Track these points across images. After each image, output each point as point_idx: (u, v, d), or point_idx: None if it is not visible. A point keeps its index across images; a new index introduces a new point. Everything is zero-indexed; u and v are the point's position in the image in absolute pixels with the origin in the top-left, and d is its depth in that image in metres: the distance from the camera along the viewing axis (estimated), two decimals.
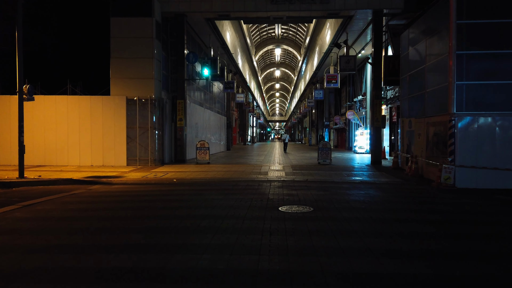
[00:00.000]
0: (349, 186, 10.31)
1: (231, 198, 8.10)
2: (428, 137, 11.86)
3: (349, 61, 19.64)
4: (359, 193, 9.02)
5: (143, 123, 15.66)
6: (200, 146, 16.73)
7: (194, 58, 16.82)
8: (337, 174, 12.74)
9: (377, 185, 10.67)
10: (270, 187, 9.88)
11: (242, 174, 12.63)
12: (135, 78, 15.69)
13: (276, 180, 11.32)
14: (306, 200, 7.80)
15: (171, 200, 8.07)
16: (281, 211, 6.72)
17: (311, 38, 29.89)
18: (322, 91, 32.99)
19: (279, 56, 49.23)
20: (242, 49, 31.07)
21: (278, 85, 69.77)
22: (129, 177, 12.02)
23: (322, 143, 16.99)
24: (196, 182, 11.18)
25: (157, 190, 9.72)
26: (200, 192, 9.19)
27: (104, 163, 15.63)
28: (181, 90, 17.11)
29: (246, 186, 10.03)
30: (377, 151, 16.49)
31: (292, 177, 11.93)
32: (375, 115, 16.44)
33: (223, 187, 10.02)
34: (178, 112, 17.01)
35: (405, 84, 14.46)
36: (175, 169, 14.43)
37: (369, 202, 7.84)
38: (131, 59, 15.64)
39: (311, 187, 9.92)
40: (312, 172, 13.35)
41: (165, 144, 16.93)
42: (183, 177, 12.06)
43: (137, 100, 15.59)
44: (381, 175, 12.82)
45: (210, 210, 6.80)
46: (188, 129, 19.00)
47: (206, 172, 13.18)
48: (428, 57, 12.10)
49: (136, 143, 15.67)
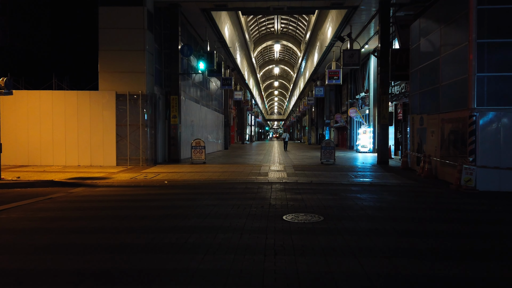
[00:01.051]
0: (359, 189, 9.29)
1: (227, 204, 7.07)
2: (443, 135, 10.85)
3: (353, 55, 18.63)
4: (372, 197, 8.00)
5: (134, 120, 14.60)
6: (196, 145, 15.69)
7: (189, 51, 15.77)
8: (343, 175, 11.72)
9: (389, 187, 9.65)
10: (271, 190, 8.85)
11: (240, 175, 11.60)
12: (125, 72, 14.64)
13: (278, 182, 10.29)
14: (314, 207, 6.77)
15: (158, 207, 7.03)
16: (286, 221, 5.69)
17: (312, 33, 28.86)
18: (322, 88, 31.97)
19: (278, 53, 48.10)
20: (240, 44, 30.02)
21: (277, 83, 68.70)
22: (117, 179, 10.97)
23: (325, 142, 15.97)
24: (189, 184, 10.14)
25: (144, 194, 8.67)
26: (193, 196, 8.15)
27: (92, 163, 14.58)
28: (175, 85, 16.06)
29: (244, 190, 9.00)
30: (384, 150, 15.48)
31: (294, 178, 10.90)
32: (381, 112, 15.43)
33: (219, 190, 8.99)
34: (172, 109, 15.96)
35: (415, 78, 13.45)
36: (168, 169, 13.38)
37: (387, 209, 6.81)
38: (121, 52, 14.58)
39: (317, 190, 8.90)
40: (316, 173, 12.33)
41: (158, 143, 15.88)
42: (176, 178, 11.02)
43: (128, 96, 14.52)
44: (391, 176, 11.81)
45: (202, 220, 5.77)
46: (183, 127, 17.95)
47: (201, 173, 12.14)
48: (443, 48, 11.09)
49: (126, 142, 14.61)
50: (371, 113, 24.70)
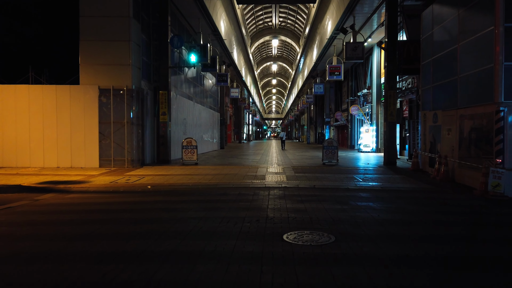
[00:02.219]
0: (370, 195, 8.06)
1: (216, 216, 5.82)
2: (462, 133, 9.63)
3: (356, 48, 17.39)
4: (388, 207, 6.76)
5: (118, 117, 13.32)
6: (187, 145, 14.42)
7: (179, 42, 14.49)
8: (349, 178, 10.49)
9: (404, 193, 8.42)
10: (268, 197, 7.61)
11: (234, 179, 10.35)
12: (109, 64, 13.35)
13: (276, 187, 9.05)
14: (321, 221, 5.54)
15: (130, 220, 5.77)
16: (287, 242, 4.46)
17: (312, 27, 27.61)
18: (322, 85, 30.75)
19: (276, 49, 46.70)
20: (236, 39, 28.75)
21: (274, 80, 67.42)
22: (95, 183, 9.71)
23: (327, 141, 14.74)
24: (175, 190, 8.89)
25: (120, 202, 7.41)
26: (176, 206, 6.90)
27: (72, 165, 13.29)
28: (164, 79, 14.79)
29: (237, 197, 7.76)
30: (391, 150, 14.26)
31: (295, 182, 9.66)
32: (388, 108, 14.21)
33: (208, 197, 7.74)
34: (161, 105, 14.68)
35: (427, 71, 12.23)
36: (155, 171, 12.12)
37: (410, 223, 5.57)
38: (104, 43, 13.29)
39: (321, 197, 7.66)
40: (319, 175, 11.09)
41: (146, 142, 14.61)
42: (161, 182, 9.76)
43: (112, 91, 13.23)
44: (402, 179, 10.59)
45: (179, 241, 4.52)
46: (174, 125, 16.68)
47: (191, 176, 10.88)
48: (461, 35, 9.86)
49: (110, 141, 13.33)
50: (374, 110, 23.49)
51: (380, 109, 23.14)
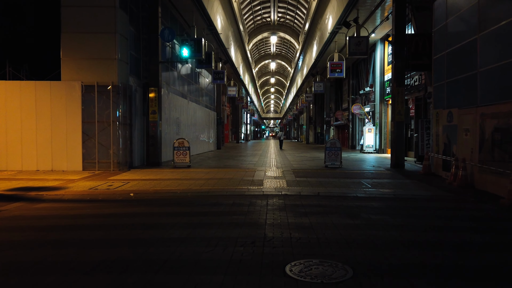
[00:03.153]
0: (384, 205, 7.01)
1: (202, 236, 4.77)
2: (484, 133, 8.59)
3: (360, 43, 16.34)
4: (408, 222, 5.71)
5: (103, 116, 12.25)
6: (178, 146, 13.35)
7: (170, 35, 13.41)
8: (356, 184, 9.45)
9: (422, 203, 7.38)
10: (267, 208, 6.56)
11: (229, 184, 9.29)
12: (93, 59, 12.27)
13: (275, 194, 7.99)
14: (331, 242, 4.49)
15: (96, 243, 4.70)
16: (291, 279, 3.41)
17: (312, 23, 26.56)
18: (322, 84, 29.68)
19: (274, 46, 45.50)
20: (234, 35, 27.68)
21: (273, 79, 66.33)
22: (72, 190, 8.64)
23: (330, 142, 13.68)
24: (160, 198, 7.82)
25: (93, 215, 6.35)
26: (157, 220, 5.83)
27: (53, 168, 12.21)
28: (154, 75, 13.71)
29: (231, 207, 6.70)
30: (399, 152, 13.23)
31: (296, 189, 8.60)
32: (396, 107, 13.18)
33: (197, 208, 6.68)
34: (151, 103, 13.61)
35: (440, 66, 11.20)
36: (142, 175, 11.05)
37: (440, 245, 4.52)
38: (88, 35, 12.22)
39: (328, 208, 6.61)
40: (322, 180, 10.04)
41: (135, 143, 13.54)
42: (146, 189, 8.70)
43: (96, 87, 12.16)
44: (415, 184, 9.55)
45: (150, 277, 3.46)
46: (165, 125, 15.62)
47: (181, 181, 9.81)
48: (482, 24, 8.82)
49: (95, 142, 12.26)
50: (377, 109, 22.48)
51: (384, 108, 22.15)
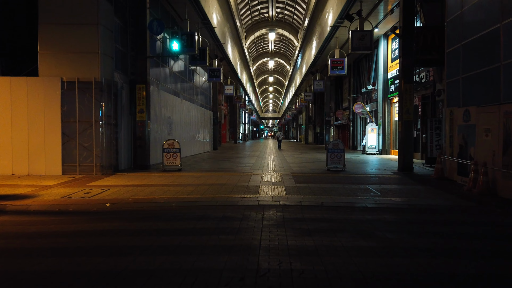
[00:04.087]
0: (399, 219, 5.98)
1: (176, 269, 3.73)
2: (509, 134, 7.57)
3: (363, 37, 15.32)
4: (436, 243, 4.68)
5: (85, 115, 11.21)
6: (168, 147, 12.31)
7: (159, 27, 12.36)
8: (363, 191, 8.42)
9: (442, 215, 6.35)
10: (262, 224, 5.52)
11: (220, 192, 8.25)
12: (73, 52, 11.22)
13: (273, 205, 6.95)
14: (344, 278, 3.46)
15: (40, 276, 3.66)
16: None
17: (311, 19, 25.54)
18: (322, 82, 28.63)
19: (273, 43, 44.35)
20: (230, 32, 26.62)
21: (271, 78, 65.25)
22: (41, 198, 7.59)
23: (332, 143, 12.65)
24: (139, 210, 6.78)
25: (54, 233, 5.30)
26: (126, 241, 4.78)
27: (30, 172, 11.16)
28: (142, 71, 12.67)
29: (219, 223, 5.66)
30: (407, 154, 12.22)
31: (297, 198, 7.57)
32: (404, 105, 12.16)
33: (178, 224, 5.63)
34: (138, 101, 12.56)
35: (455, 59, 10.18)
36: (126, 181, 10.00)
37: (489, 279, 3.50)
38: (68, 26, 11.17)
39: (335, 223, 5.58)
40: (325, 186, 9.01)
41: (121, 145, 12.49)
42: (127, 197, 7.65)
43: (77, 83, 11.11)
44: (430, 192, 8.52)
45: None
46: (156, 125, 14.58)
47: (167, 188, 8.77)
48: (506, 11, 7.81)
49: (76, 144, 11.21)
50: (380, 108, 21.47)
51: (387, 107, 21.15)
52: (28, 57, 11.73)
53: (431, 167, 13.30)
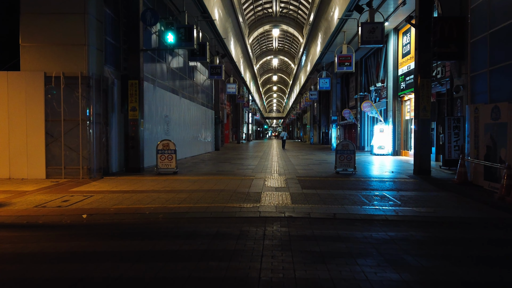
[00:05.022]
0: (431, 237, 4.93)
1: None
2: None
3: (374, 29, 14.23)
4: (487, 276, 3.64)
5: (72, 113, 10.25)
6: (163, 148, 11.32)
7: (153, 18, 11.37)
8: (380, 199, 7.37)
9: (483, 232, 5.29)
10: (263, 245, 4.49)
11: (217, 200, 7.23)
12: (58, 44, 10.27)
13: (277, 217, 5.92)
14: None
15: None
16: None
17: (317, 13, 24.47)
18: (328, 80, 27.53)
19: (277, 40, 43.08)
20: (232, 27, 25.61)
21: (275, 77, 64.15)
22: (13, 208, 6.62)
23: (341, 144, 11.60)
24: (118, 223, 5.77)
25: (4, 256, 4.31)
26: (88, 271, 3.77)
27: (11, 176, 10.21)
28: (134, 65, 11.69)
29: (210, 243, 4.64)
30: (424, 156, 11.15)
31: (305, 208, 6.53)
32: (421, 102, 11.09)
33: (160, 245, 4.61)
34: (130, 98, 11.59)
35: (480, 50, 9.10)
36: (114, 185, 9.02)
37: None
38: (53, 16, 10.23)
39: (353, 242, 4.55)
40: (336, 193, 7.96)
41: (112, 146, 11.52)
42: (108, 206, 6.66)
43: (62, 78, 10.16)
44: (456, 200, 7.46)
45: None
46: (150, 124, 13.61)
47: (157, 195, 7.76)
48: None
49: (61, 144, 10.25)
50: (390, 107, 20.37)
51: (397, 105, 20.05)
52: (9, 50, 10.77)
53: (450, 170, 12.22)
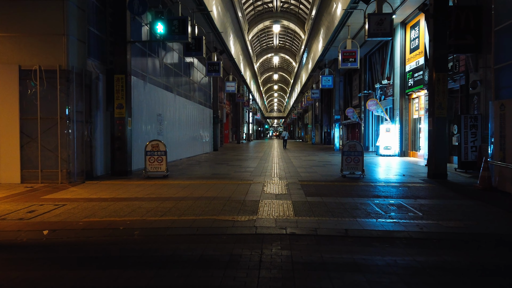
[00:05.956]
0: (472, 265, 3.89)
1: None
2: None
3: (382, 21, 13.19)
4: None
5: (49, 111, 9.25)
6: (152, 150, 10.30)
7: (141, 6, 10.35)
8: (397, 209, 6.34)
9: None
10: (258, 278, 3.46)
11: (206, 211, 6.20)
12: (34, 34, 9.26)
13: (276, 234, 4.88)
14: None
15: None
16: None
17: (320, 7, 23.44)
18: (331, 77, 26.50)
19: (277, 37, 41.92)
20: (231, 23, 24.59)
21: (276, 75, 63.10)
22: None
23: (348, 145, 10.55)
24: (84, 241, 4.74)
25: None
26: None
27: None
28: (120, 58, 10.67)
29: (189, 275, 3.59)
30: (440, 158, 10.11)
31: (310, 221, 5.50)
32: (436, 98, 10.05)
33: (123, 279, 3.54)
34: (116, 94, 10.56)
35: (506, 39, 8.06)
36: (94, 191, 7.99)
37: None
38: (28, 2, 9.21)
39: (375, 275, 3.53)
40: (345, 202, 6.93)
41: (97, 147, 10.50)
42: (79, 218, 5.64)
43: (38, 72, 9.15)
44: (485, 210, 6.41)
45: None
46: (140, 123, 12.60)
47: (139, 204, 6.74)
48: None
49: (37, 145, 9.24)
50: (397, 105, 19.33)
51: (405, 104, 19.01)
52: None
53: (467, 173, 11.20)
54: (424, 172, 11.65)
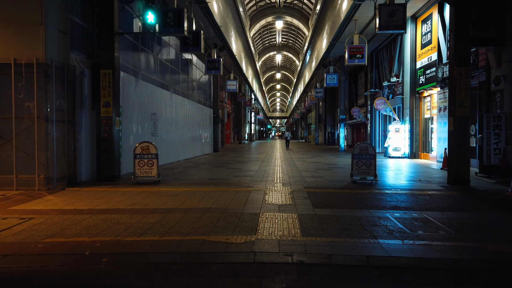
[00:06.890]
0: None
1: None
2: None
3: (394, 12, 12.11)
4: None
5: (26, 109, 8.28)
6: (141, 152, 9.31)
7: None
8: (424, 225, 5.32)
9: None
10: None
11: (196, 228, 5.20)
12: (8, 24, 8.30)
13: (280, 263, 3.86)
14: None
15: None
16: None
17: (325, 1, 22.41)
18: (336, 75, 25.43)
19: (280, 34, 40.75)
20: (232, 19, 23.59)
21: (279, 74, 62.04)
22: None
23: (359, 147, 9.51)
24: (36, 273, 3.73)
25: None
26: None
27: None
28: (107, 51, 9.68)
29: None
30: (461, 162, 9.06)
31: (321, 243, 4.49)
32: (458, 95, 9.01)
33: None
34: (102, 91, 9.58)
35: None
36: (71, 201, 7.00)
37: None
38: None
39: None
40: (360, 215, 5.91)
41: (82, 149, 9.52)
42: (41, 238, 4.66)
43: (13, 65, 8.18)
44: None
45: None
46: (131, 123, 11.63)
47: (118, 217, 5.74)
48: None
49: (12, 147, 8.27)
50: (407, 104, 18.30)
51: (415, 103, 17.97)
52: None
53: (489, 178, 10.16)
54: (440, 176, 10.63)
